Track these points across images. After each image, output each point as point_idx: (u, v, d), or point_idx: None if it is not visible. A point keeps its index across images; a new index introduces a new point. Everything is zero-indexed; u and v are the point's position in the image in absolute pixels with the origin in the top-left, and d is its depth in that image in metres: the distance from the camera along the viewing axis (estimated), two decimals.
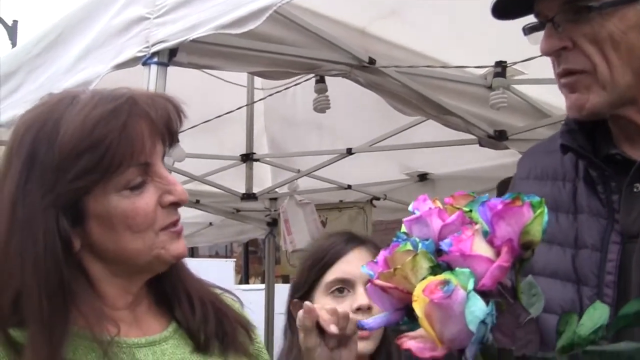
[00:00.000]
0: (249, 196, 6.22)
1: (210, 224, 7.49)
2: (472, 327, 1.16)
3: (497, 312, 1.23)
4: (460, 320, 1.17)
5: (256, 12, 2.75)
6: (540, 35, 1.64)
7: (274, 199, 6.81)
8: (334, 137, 5.70)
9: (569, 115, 1.66)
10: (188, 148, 5.45)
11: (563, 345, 1.31)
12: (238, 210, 6.95)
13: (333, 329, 1.85)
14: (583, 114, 1.60)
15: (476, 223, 1.29)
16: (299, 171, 6.09)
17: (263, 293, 7.03)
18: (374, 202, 6.59)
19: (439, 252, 1.29)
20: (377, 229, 6.96)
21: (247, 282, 17.26)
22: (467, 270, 1.20)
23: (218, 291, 1.80)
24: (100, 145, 1.45)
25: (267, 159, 6.19)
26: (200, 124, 4.94)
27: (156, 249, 1.54)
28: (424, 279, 1.24)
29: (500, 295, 1.27)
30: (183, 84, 4.00)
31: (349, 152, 5.60)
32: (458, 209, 1.33)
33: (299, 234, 6.09)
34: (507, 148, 4.73)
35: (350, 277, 2.26)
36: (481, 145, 4.68)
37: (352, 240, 2.36)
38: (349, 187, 6.35)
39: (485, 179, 5.90)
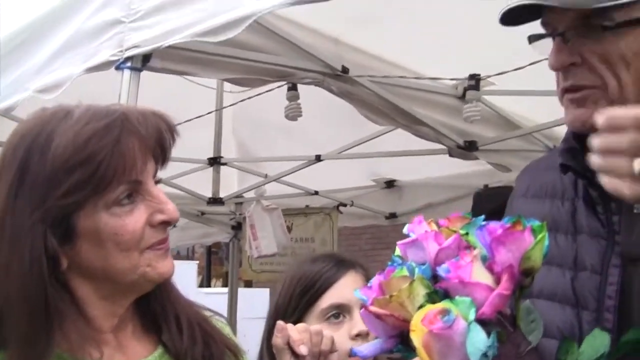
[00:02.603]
0: (215, 200, 6.17)
1: (174, 226, 7.40)
2: (474, 359, 1.15)
3: (497, 341, 1.22)
4: (461, 351, 1.15)
5: (235, 21, 2.72)
6: (544, 45, 1.61)
7: (239, 203, 6.77)
8: (302, 142, 5.67)
9: (571, 129, 1.63)
10: None
11: None
12: (203, 213, 6.90)
13: (303, 350, 1.83)
14: (585, 129, 1.56)
15: (472, 246, 1.28)
16: (266, 176, 6.05)
17: (226, 297, 6.98)
18: (341, 208, 6.58)
19: (435, 277, 1.27)
20: (341, 234, 6.95)
21: (208, 284, 17.20)
22: (468, 299, 1.18)
23: (208, 313, 1.78)
24: (92, 161, 1.43)
25: (235, 163, 6.14)
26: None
27: (142, 267, 1.51)
28: (421, 306, 1.22)
29: (500, 324, 1.25)
30: (152, 86, 3.98)
31: (318, 158, 5.58)
32: (454, 231, 1.31)
33: (265, 239, 6.05)
34: (476, 158, 4.74)
35: (347, 302, 2.23)
36: (451, 155, 4.68)
37: (342, 264, 2.33)
38: (316, 192, 6.33)
39: (451, 187, 5.93)
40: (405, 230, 1.34)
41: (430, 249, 1.29)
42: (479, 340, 1.15)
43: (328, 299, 2.26)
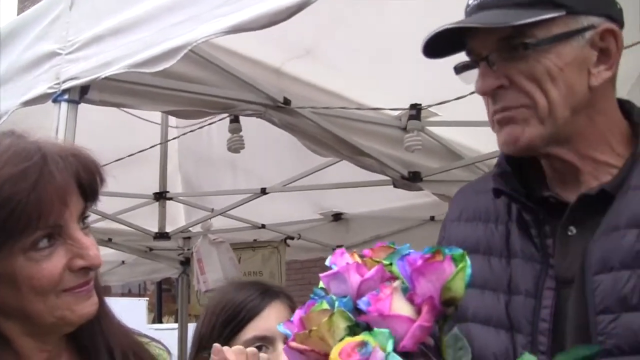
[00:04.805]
0: (161, 235, 6.11)
1: (123, 262, 7.35)
2: None
3: None
4: None
5: (170, 52, 2.69)
6: (471, 74, 1.60)
7: (187, 238, 6.73)
8: (248, 176, 5.65)
9: (503, 151, 1.61)
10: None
11: None
12: (151, 249, 6.84)
13: None
14: (517, 148, 1.55)
15: (396, 277, 1.25)
16: (212, 210, 6.01)
17: (176, 332, 6.91)
18: (288, 241, 6.54)
19: (358, 310, 1.24)
20: (291, 268, 6.91)
21: (160, 321, 17.01)
22: (386, 330, 1.15)
23: (145, 340, 1.77)
24: (6, 207, 1.41)
25: (181, 197, 6.09)
26: (112, 162, 4.83)
27: (59, 310, 1.49)
28: (342, 339, 1.19)
29: (423, 355, 1.22)
30: (96, 120, 3.95)
31: (263, 191, 5.55)
32: (378, 262, 1.28)
33: (213, 273, 5.99)
34: (420, 189, 4.73)
35: (270, 334, 2.19)
36: (395, 186, 4.67)
37: (267, 293, 2.30)
38: (263, 226, 6.30)
39: (399, 219, 5.92)
40: (327, 262, 1.31)
41: (353, 280, 1.26)
42: None
43: (252, 330, 2.24)
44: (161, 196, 5.93)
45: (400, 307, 1.19)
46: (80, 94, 3.10)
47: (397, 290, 1.20)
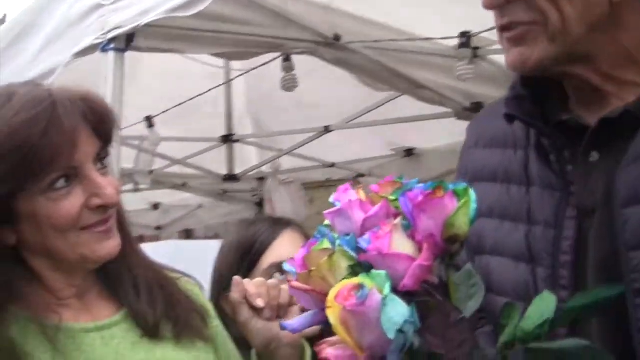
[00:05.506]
0: (231, 177, 6.13)
1: (200, 206, 7.42)
2: (390, 335, 1.07)
3: (426, 312, 1.14)
4: (378, 327, 1.08)
5: None
6: None
7: (260, 179, 6.72)
8: (314, 114, 5.59)
9: (511, 70, 1.50)
10: (168, 132, 5.41)
11: (505, 342, 1.22)
12: (225, 192, 6.88)
13: (260, 302, 1.81)
14: (526, 69, 1.43)
15: (401, 214, 1.20)
16: (280, 151, 5.99)
17: None
18: (360, 179, 6.47)
19: (361, 248, 1.20)
20: None
21: None
22: (383, 272, 1.10)
23: (177, 275, 1.84)
24: (21, 151, 1.52)
25: (248, 139, 6.08)
26: (173, 107, 4.89)
27: (80, 248, 1.60)
28: (344, 279, 1.15)
29: (427, 294, 1.17)
30: (159, 69, 4.00)
31: (327, 129, 5.49)
32: (383, 197, 1.23)
33: (284, 213, 5.99)
34: None
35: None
36: (458, 118, 4.56)
37: (277, 224, 2.35)
38: (333, 165, 6.24)
39: None
40: (330, 199, 1.27)
41: (356, 218, 1.22)
42: (395, 314, 1.07)
43: (267, 259, 2.30)
44: (228, 139, 5.94)
45: (401, 245, 1.14)
46: (126, 42, 3.19)
47: (398, 227, 1.15)
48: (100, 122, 1.61)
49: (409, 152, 6.16)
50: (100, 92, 2.45)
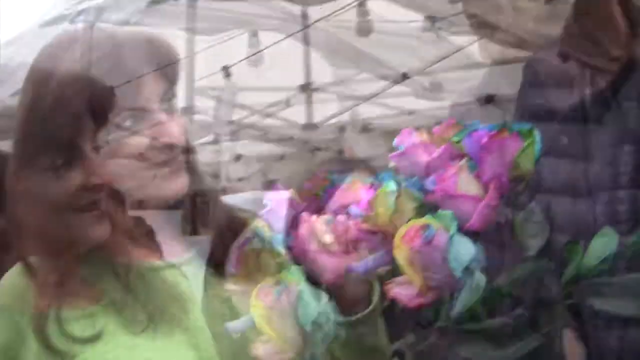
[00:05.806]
0: (309, 126, 6.14)
1: (282, 157, 7.46)
2: (457, 273, 1.09)
3: (493, 252, 1.16)
4: (445, 266, 1.10)
5: None
6: None
7: (341, 128, 6.72)
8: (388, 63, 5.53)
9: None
10: (248, 82, 5.43)
11: (569, 279, 1.23)
12: (306, 142, 6.90)
13: (327, 238, 1.78)
14: None
15: (465, 155, 1.21)
16: (357, 99, 5.96)
17: None
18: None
19: (427, 190, 1.21)
20: None
21: None
22: (449, 212, 1.12)
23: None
24: (85, 95, 1.52)
25: (327, 88, 6.07)
26: (251, 55, 4.88)
27: (147, 187, 1.59)
28: (410, 220, 1.17)
29: (494, 234, 1.19)
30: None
31: (404, 76, 5.44)
32: (446, 140, 1.24)
33: None
34: None
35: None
36: None
37: (346, 165, 2.34)
38: (413, 112, 6.19)
39: None
40: (394, 142, 1.28)
41: (420, 160, 1.23)
42: (462, 254, 1.09)
43: (336, 200, 2.27)
44: (306, 87, 5.94)
45: (467, 186, 1.16)
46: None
47: (464, 168, 1.17)
48: (165, 62, 1.61)
49: (490, 99, 6.08)
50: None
